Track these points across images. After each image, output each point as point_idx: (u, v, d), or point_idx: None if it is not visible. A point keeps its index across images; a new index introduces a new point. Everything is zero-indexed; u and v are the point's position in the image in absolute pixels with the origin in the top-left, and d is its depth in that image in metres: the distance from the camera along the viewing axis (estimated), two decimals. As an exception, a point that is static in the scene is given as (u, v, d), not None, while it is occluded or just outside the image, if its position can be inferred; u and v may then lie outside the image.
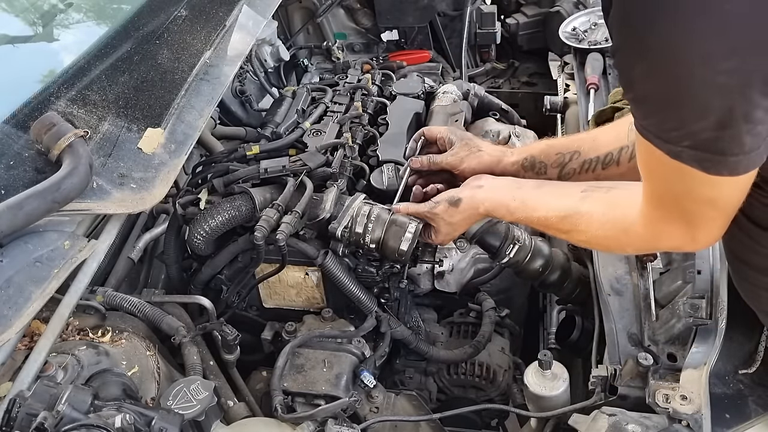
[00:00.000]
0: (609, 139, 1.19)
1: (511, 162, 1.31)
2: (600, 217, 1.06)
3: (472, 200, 1.25)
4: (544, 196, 1.17)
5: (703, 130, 0.75)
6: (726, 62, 0.68)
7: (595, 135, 1.22)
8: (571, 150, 1.22)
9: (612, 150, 1.18)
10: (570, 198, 1.11)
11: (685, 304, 1.19)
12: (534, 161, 1.28)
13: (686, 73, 0.71)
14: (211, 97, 1.60)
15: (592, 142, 1.21)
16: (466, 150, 1.35)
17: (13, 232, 1.13)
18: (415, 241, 1.38)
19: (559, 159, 1.23)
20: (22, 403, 0.95)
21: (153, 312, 1.39)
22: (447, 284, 1.76)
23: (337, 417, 1.26)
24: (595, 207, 1.07)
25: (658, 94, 0.76)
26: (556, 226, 1.15)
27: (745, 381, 1.15)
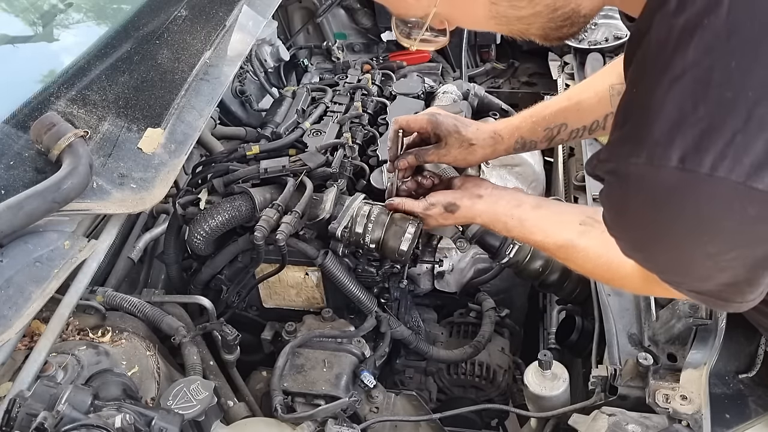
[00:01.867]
0: (593, 106, 1.19)
1: (504, 149, 1.30)
2: (596, 258, 1.08)
3: (470, 211, 1.25)
4: (543, 221, 1.17)
5: (706, 286, 0.77)
6: (728, 255, 0.70)
7: (579, 103, 1.21)
8: (558, 123, 1.22)
9: (597, 118, 1.19)
10: (568, 229, 1.13)
11: (685, 304, 1.19)
12: (524, 142, 1.28)
13: (690, 263, 0.74)
14: (211, 97, 1.60)
15: (577, 113, 1.21)
16: (458, 146, 1.30)
17: (13, 232, 1.13)
18: (415, 241, 1.38)
19: (548, 134, 1.24)
20: (22, 403, 0.95)
21: (153, 312, 1.39)
22: (447, 284, 1.76)
23: (337, 417, 1.26)
24: (592, 244, 1.09)
25: (660, 269, 0.80)
26: (553, 252, 1.19)
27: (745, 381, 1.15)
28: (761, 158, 0.60)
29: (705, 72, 0.62)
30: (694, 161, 0.62)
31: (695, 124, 0.62)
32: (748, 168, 0.61)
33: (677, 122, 0.63)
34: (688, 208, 0.66)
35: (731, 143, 0.61)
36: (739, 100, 0.61)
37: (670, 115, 0.63)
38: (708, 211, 0.65)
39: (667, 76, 0.64)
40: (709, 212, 0.65)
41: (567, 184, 1.87)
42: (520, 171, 1.92)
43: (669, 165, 0.63)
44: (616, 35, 2.10)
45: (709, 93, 0.62)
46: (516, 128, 1.28)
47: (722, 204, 0.64)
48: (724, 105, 0.61)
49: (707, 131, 0.62)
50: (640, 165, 0.66)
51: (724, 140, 0.61)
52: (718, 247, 0.69)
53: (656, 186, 0.66)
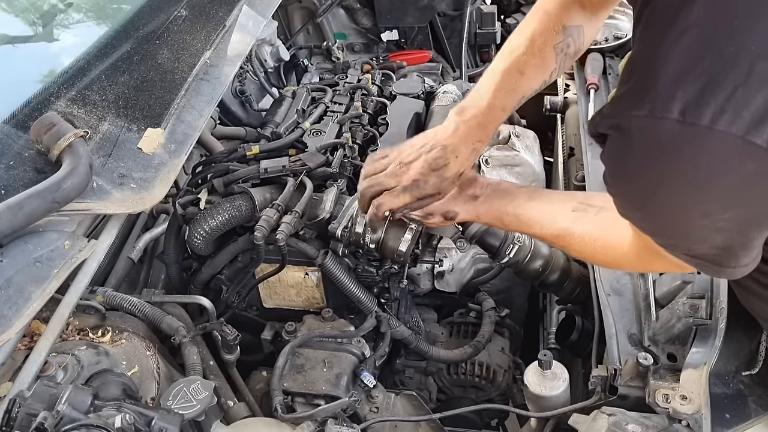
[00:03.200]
0: (540, 69, 1.19)
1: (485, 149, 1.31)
2: (592, 242, 1.09)
3: (468, 214, 1.24)
4: (537, 213, 1.18)
5: (701, 249, 0.78)
6: (725, 214, 0.71)
7: (530, 73, 1.18)
8: (519, 98, 1.21)
9: (545, 78, 1.20)
10: (562, 217, 1.14)
11: (685, 305, 1.19)
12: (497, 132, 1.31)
13: (686, 223, 0.74)
14: (211, 97, 1.60)
15: (530, 81, 1.19)
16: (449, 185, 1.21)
17: (13, 232, 1.13)
18: (414, 242, 1.38)
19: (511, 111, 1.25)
20: (22, 403, 0.95)
21: (153, 312, 1.39)
22: (447, 284, 1.76)
23: (337, 417, 1.26)
24: (587, 229, 1.09)
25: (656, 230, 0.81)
26: (551, 242, 1.22)
27: (745, 381, 1.15)
28: (761, 113, 0.61)
29: (708, 28, 0.63)
30: (695, 114, 0.63)
31: (697, 78, 0.63)
32: (747, 122, 0.61)
33: (680, 76, 0.64)
34: (686, 161, 0.67)
35: (731, 97, 0.61)
36: (741, 55, 0.61)
37: (673, 70, 0.64)
38: (706, 164, 0.66)
39: (671, 32, 0.65)
40: (708, 166, 0.66)
41: (567, 184, 1.87)
42: (520, 171, 1.92)
43: (670, 117, 0.64)
44: (616, 35, 2.10)
45: (711, 48, 0.63)
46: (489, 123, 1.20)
47: (721, 158, 0.65)
48: (726, 60, 0.62)
49: (708, 85, 0.62)
50: (641, 117, 0.66)
51: (724, 94, 0.62)
52: (714, 204, 0.70)
53: (657, 138, 0.67)
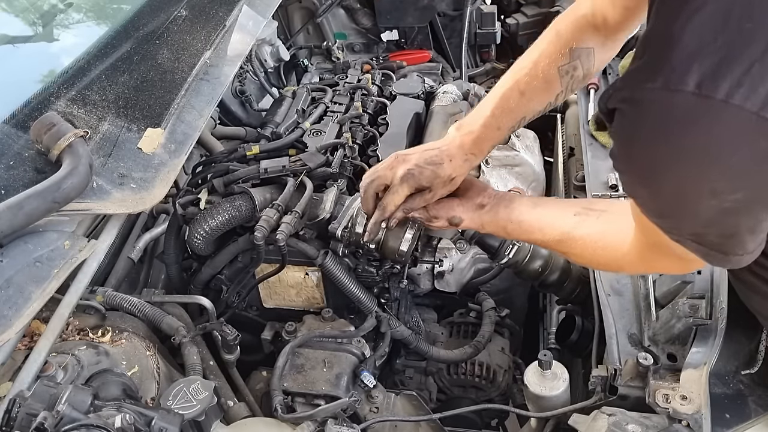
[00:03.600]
0: (545, 92, 1.20)
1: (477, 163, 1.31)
2: (593, 244, 1.09)
3: (473, 222, 1.24)
4: (539, 219, 1.18)
5: (708, 235, 0.77)
6: (734, 195, 0.69)
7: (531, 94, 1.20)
8: (519, 119, 1.23)
9: (550, 100, 1.21)
10: (564, 221, 1.13)
11: (685, 305, 1.19)
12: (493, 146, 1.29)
13: (695, 202, 0.72)
14: (211, 97, 1.60)
15: (532, 102, 1.21)
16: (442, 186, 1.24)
17: (13, 232, 1.13)
18: (414, 242, 1.38)
19: (510, 131, 1.26)
20: (22, 403, 0.95)
21: (153, 312, 1.39)
22: (447, 284, 1.76)
23: (337, 417, 1.26)
24: (588, 232, 1.09)
25: (664, 210, 0.78)
26: (553, 247, 1.20)
27: (745, 381, 1.15)
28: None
29: (726, 4, 0.63)
30: (710, 87, 0.62)
31: (714, 53, 0.62)
32: (763, 98, 0.61)
33: (696, 50, 0.63)
34: (699, 135, 0.66)
35: (748, 72, 0.61)
36: (759, 31, 0.61)
37: (689, 44, 0.64)
38: (719, 139, 0.65)
39: (688, 6, 0.64)
40: (720, 140, 0.65)
41: (567, 184, 1.87)
42: (520, 171, 1.92)
43: (685, 90, 0.63)
44: (616, 35, 2.09)
45: (729, 23, 0.62)
46: (484, 140, 1.24)
47: (734, 133, 0.64)
48: (744, 35, 0.62)
49: (725, 59, 0.62)
50: (655, 90, 0.66)
51: (741, 69, 0.61)
52: (724, 183, 0.68)
53: (670, 110, 0.66)
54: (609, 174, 1.62)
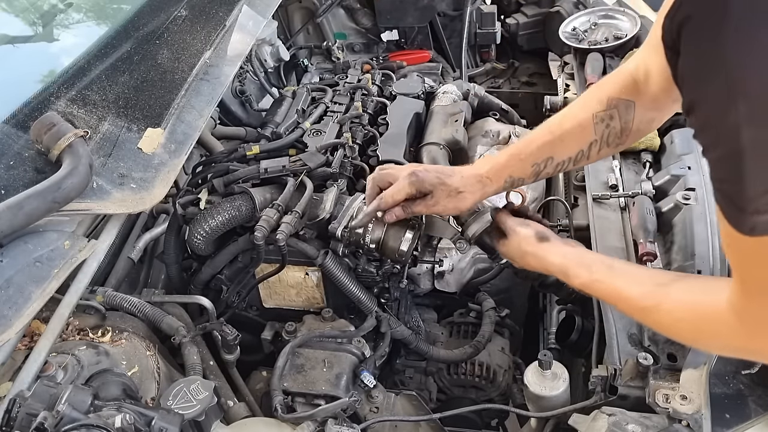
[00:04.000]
0: (577, 138, 1.18)
1: (493, 190, 1.27)
2: (689, 298, 0.93)
3: (558, 248, 1.19)
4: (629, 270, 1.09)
5: None
6: None
7: (563, 135, 1.19)
8: (545, 158, 1.20)
9: (582, 147, 1.18)
10: (658, 277, 1.03)
11: (685, 304, 1.19)
12: (513, 180, 1.25)
13: None
14: (211, 97, 1.60)
15: (562, 144, 1.19)
16: (446, 196, 1.25)
17: (13, 232, 1.13)
18: (415, 242, 1.38)
19: (535, 170, 1.22)
20: (22, 403, 0.95)
21: (153, 312, 1.39)
22: (447, 284, 1.76)
23: (337, 417, 1.26)
24: (685, 289, 0.96)
25: (761, 142, 0.67)
26: (636, 300, 1.01)
27: (745, 381, 1.15)
28: None
29: None
30: None
31: None
32: None
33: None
34: None
35: None
36: None
37: None
38: None
39: None
40: None
41: (567, 184, 1.87)
42: (520, 171, 1.92)
43: None
44: (616, 35, 2.10)
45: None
46: (503, 167, 1.25)
47: None
48: None
49: None
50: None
51: None
52: None
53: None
54: (609, 174, 1.62)
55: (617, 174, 1.61)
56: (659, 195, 1.52)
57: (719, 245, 1.30)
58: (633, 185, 1.57)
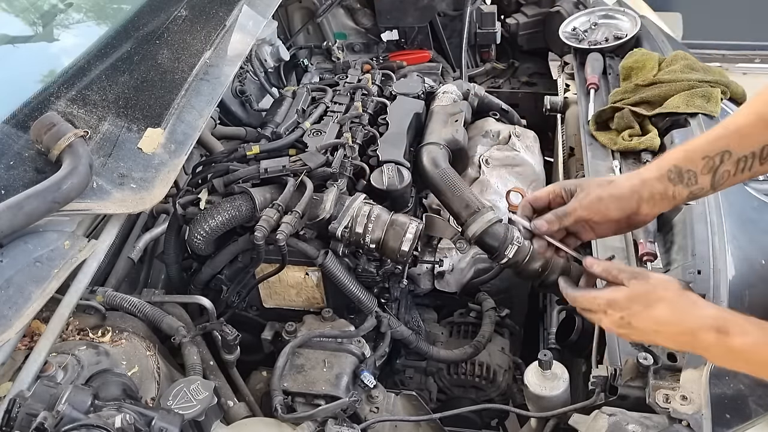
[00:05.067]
0: (759, 130, 1.03)
1: (655, 177, 1.06)
2: None
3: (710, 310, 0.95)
4: None
5: None
6: None
7: (740, 128, 1.04)
8: (719, 151, 1.04)
9: (767, 142, 1.02)
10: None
11: (685, 304, 1.18)
12: (680, 171, 1.06)
13: None
14: (211, 97, 1.60)
15: (741, 138, 1.03)
16: (596, 184, 1.09)
17: (13, 232, 1.13)
18: (415, 242, 1.38)
19: (709, 163, 1.04)
20: (22, 403, 0.95)
21: (153, 312, 1.39)
22: (447, 284, 1.76)
23: (337, 417, 1.26)
24: None
25: None
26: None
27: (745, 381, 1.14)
28: None
29: None
30: None
31: None
32: None
33: None
34: None
35: None
36: None
37: None
38: None
39: None
40: None
41: (567, 184, 1.86)
42: (520, 171, 1.92)
43: None
44: (616, 35, 2.10)
45: None
46: (666, 157, 1.09)
47: None
48: None
49: None
50: None
51: None
52: None
53: None
54: (609, 174, 1.62)
55: (617, 174, 1.61)
56: (659, 195, 1.52)
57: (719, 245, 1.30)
58: (633, 185, 1.57)
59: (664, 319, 0.95)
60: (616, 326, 1.01)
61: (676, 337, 0.96)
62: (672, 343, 1.02)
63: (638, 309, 0.97)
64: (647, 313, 0.96)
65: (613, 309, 1.00)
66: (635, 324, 0.98)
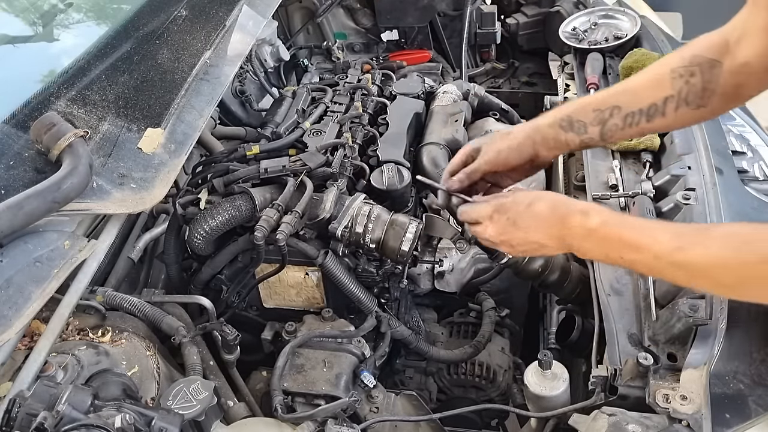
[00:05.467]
0: (650, 89, 1.09)
1: (547, 124, 1.16)
2: (736, 241, 0.87)
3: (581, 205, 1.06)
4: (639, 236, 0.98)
5: None
6: None
7: (633, 87, 1.11)
8: (610, 105, 1.10)
9: (656, 101, 1.08)
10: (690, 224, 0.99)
11: (685, 304, 1.19)
12: (571, 120, 1.14)
13: None
14: (211, 97, 1.60)
15: (632, 95, 1.10)
16: (498, 138, 1.20)
17: (13, 232, 1.13)
18: (415, 242, 1.38)
19: (599, 116, 1.12)
20: (22, 403, 0.95)
21: (153, 312, 1.39)
22: (447, 284, 1.76)
23: (337, 417, 1.26)
24: (728, 232, 0.92)
25: None
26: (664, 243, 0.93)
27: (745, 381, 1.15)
28: None
29: None
30: None
31: None
32: None
33: None
34: None
35: None
36: None
37: None
38: None
39: None
40: None
41: (567, 184, 1.87)
42: (520, 171, 1.92)
43: None
44: (616, 35, 2.10)
45: None
46: (561, 108, 1.16)
47: None
48: None
49: None
50: None
51: None
52: None
53: None
54: (609, 174, 1.62)
55: (617, 174, 1.61)
56: (659, 195, 1.52)
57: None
58: (633, 185, 1.57)
59: (543, 213, 1.06)
60: (500, 232, 1.11)
61: (549, 230, 1.06)
62: (547, 237, 1.08)
63: (522, 208, 1.08)
64: (530, 210, 1.07)
65: (499, 213, 1.10)
66: (519, 222, 1.08)
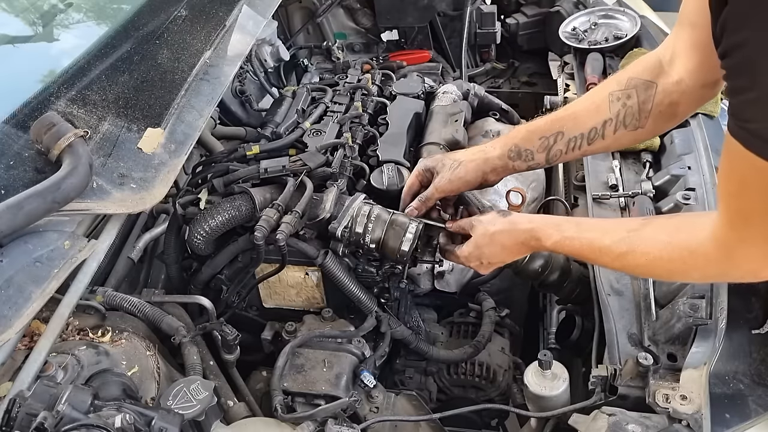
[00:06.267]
0: (590, 114, 1.17)
1: (497, 156, 1.28)
2: (664, 238, 0.99)
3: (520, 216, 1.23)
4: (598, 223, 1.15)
5: None
6: None
7: (575, 112, 1.20)
8: (554, 131, 1.19)
9: (595, 125, 1.16)
10: (628, 224, 1.08)
11: (685, 304, 1.19)
12: (519, 150, 1.25)
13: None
14: (211, 97, 1.60)
15: (574, 120, 1.18)
16: (448, 168, 1.33)
17: (13, 232, 1.13)
18: (415, 242, 1.38)
19: (544, 143, 1.21)
20: (22, 403, 0.95)
21: (153, 312, 1.39)
22: (447, 284, 1.76)
23: (337, 417, 1.26)
24: (657, 230, 1.02)
25: None
26: (610, 248, 1.06)
27: (745, 381, 1.15)
28: None
29: None
30: None
31: None
32: None
33: None
34: None
35: None
36: None
37: None
38: None
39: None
40: None
41: (567, 184, 1.87)
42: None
43: None
44: (616, 35, 2.10)
45: None
46: (508, 137, 1.27)
47: None
48: None
49: None
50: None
51: None
52: None
53: None
54: (609, 174, 1.62)
55: (617, 174, 1.61)
56: (659, 195, 1.52)
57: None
58: (633, 185, 1.57)
59: (505, 243, 1.22)
60: (483, 269, 1.31)
61: (516, 254, 1.27)
62: (518, 255, 1.30)
63: (486, 249, 1.25)
64: (492, 248, 1.24)
65: (470, 261, 1.30)
66: (491, 260, 1.27)
